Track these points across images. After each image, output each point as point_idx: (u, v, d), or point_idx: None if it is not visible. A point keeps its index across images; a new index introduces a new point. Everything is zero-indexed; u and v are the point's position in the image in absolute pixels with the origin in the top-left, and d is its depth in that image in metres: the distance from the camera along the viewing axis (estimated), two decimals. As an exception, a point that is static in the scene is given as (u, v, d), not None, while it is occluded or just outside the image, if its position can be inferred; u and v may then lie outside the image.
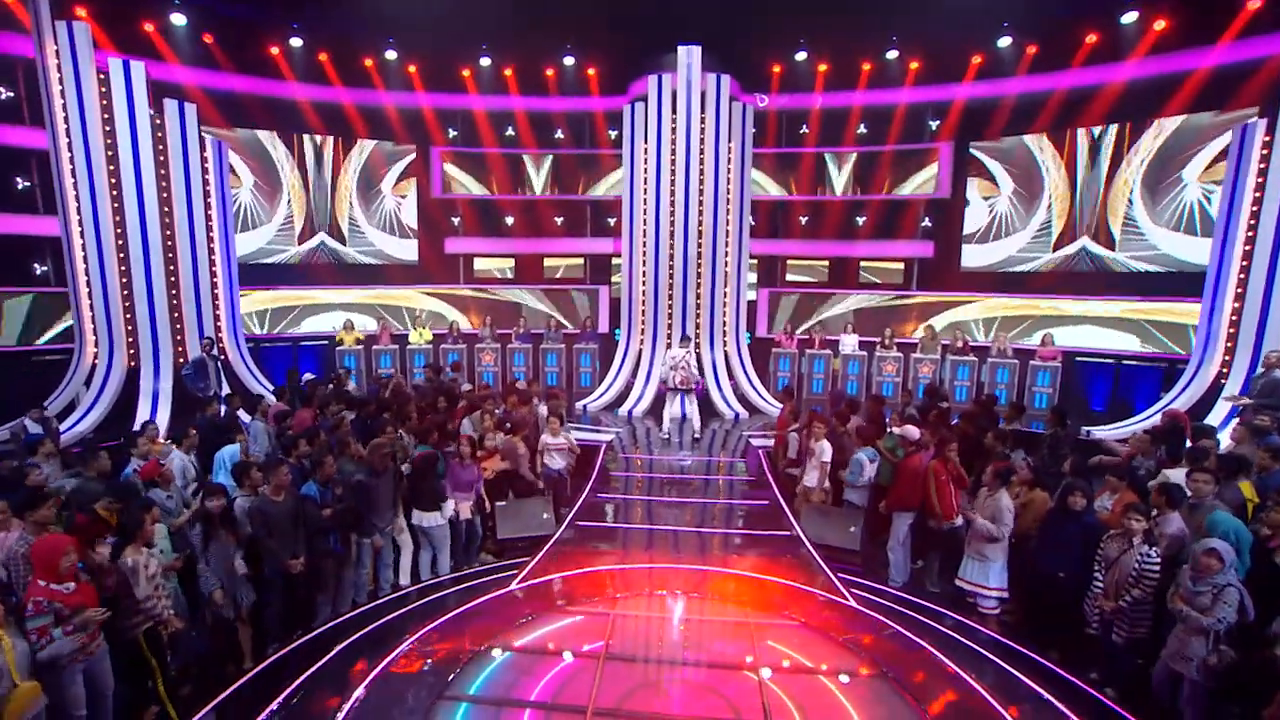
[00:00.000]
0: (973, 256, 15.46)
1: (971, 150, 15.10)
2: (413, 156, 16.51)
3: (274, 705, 4.05)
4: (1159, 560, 4.56)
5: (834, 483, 7.58)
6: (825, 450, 7.34)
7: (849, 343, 14.10)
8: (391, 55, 15.07)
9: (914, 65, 14.76)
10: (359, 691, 3.98)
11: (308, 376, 9.32)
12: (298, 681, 4.25)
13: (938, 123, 15.23)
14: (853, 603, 5.19)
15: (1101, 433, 10.10)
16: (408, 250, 16.91)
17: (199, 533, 5.02)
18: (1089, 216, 13.92)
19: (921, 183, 15.92)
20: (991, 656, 4.69)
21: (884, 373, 13.28)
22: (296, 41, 14.38)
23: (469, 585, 5.71)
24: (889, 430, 7.48)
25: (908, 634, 4.79)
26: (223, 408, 8.53)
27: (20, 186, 12.89)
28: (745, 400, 13.06)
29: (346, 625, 5.08)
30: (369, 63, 15.14)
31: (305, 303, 15.63)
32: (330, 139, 15.79)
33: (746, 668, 4.36)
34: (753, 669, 4.31)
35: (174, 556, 4.99)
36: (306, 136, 15.58)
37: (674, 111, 13.19)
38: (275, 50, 14.35)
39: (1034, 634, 5.49)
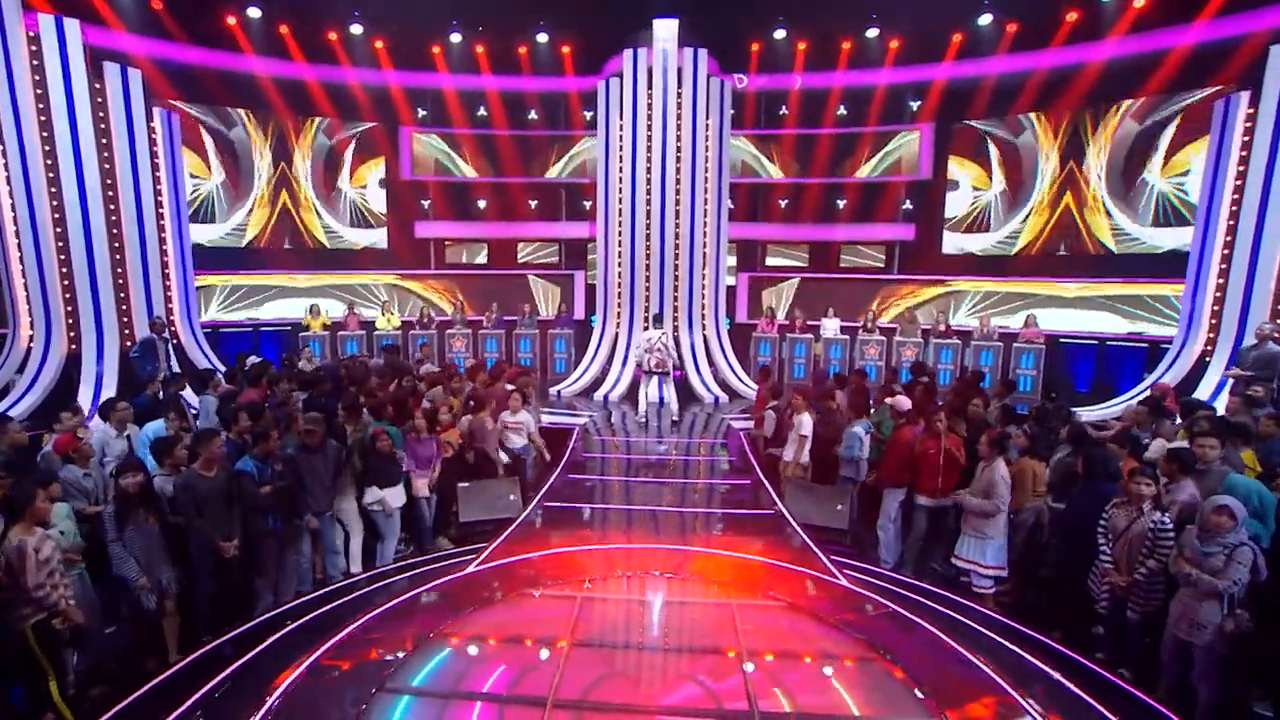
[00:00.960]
0: (953, 242, 15.26)
1: (982, 128, 14.67)
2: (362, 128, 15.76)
3: (190, 703, 3.51)
4: (1172, 527, 4.22)
5: (816, 461, 7.20)
6: (805, 423, 6.95)
7: (830, 326, 13.78)
8: (357, 30, 14.40)
9: (894, 44, 14.47)
10: (285, 686, 3.47)
11: (253, 359, 8.69)
12: (219, 678, 3.72)
13: (918, 103, 14.96)
14: (843, 581, 4.79)
15: (1089, 414, 9.87)
16: (376, 238, 16.26)
17: (112, 513, 4.45)
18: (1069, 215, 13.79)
19: (892, 161, 15.60)
20: (995, 636, 4.32)
21: (866, 356, 12.98)
22: (254, 11, 13.65)
23: (423, 570, 5.20)
24: (883, 404, 7.12)
25: (904, 613, 4.39)
26: (162, 389, 7.89)
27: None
28: (725, 385, 12.66)
29: (283, 616, 4.55)
30: (333, 36, 14.44)
31: (272, 283, 14.92)
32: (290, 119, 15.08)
33: (728, 652, 3.93)
34: (735, 653, 3.88)
35: (76, 542, 4.41)
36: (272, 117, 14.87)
37: (649, 87, 12.75)
38: (231, 20, 13.61)
39: (1034, 613, 5.17)
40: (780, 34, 14.71)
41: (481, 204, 16.57)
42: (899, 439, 6.24)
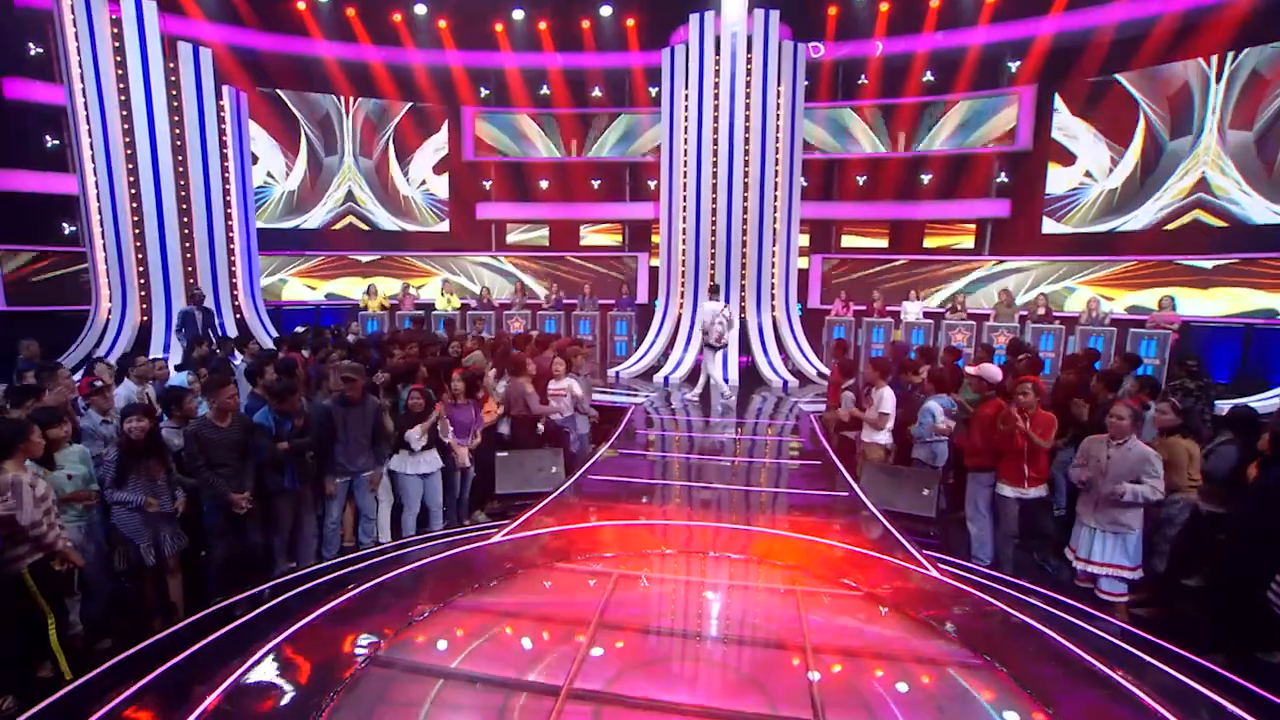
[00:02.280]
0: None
1: (1131, 90, 12.67)
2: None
3: (173, 663, 3.08)
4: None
5: (900, 444, 6.26)
6: (886, 399, 6.00)
7: (912, 310, 12.58)
8: (421, 10, 14.36)
9: (990, -1, 13.11)
10: (266, 652, 2.97)
11: (300, 329, 8.54)
12: (205, 640, 3.28)
13: (1017, 64, 13.48)
14: (934, 573, 3.91)
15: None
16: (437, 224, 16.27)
17: (113, 459, 4.14)
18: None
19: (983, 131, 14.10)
20: (1140, 654, 3.35)
21: (954, 342, 11.69)
22: (324, -3, 13.83)
23: (451, 541, 4.67)
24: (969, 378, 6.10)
25: (1016, 613, 3.48)
26: (211, 352, 7.80)
27: (50, 145, 12.68)
28: (796, 371, 11.71)
29: (291, 581, 4.10)
30: (397, 18, 14.45)
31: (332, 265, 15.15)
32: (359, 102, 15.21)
33: (789, 646, 3.16)
34: (799, 648, 3.11)
35: (89, 488, 4.12)
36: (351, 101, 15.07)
37: (717, 54, 11.98)
38: (302, 6, 13.82)
39: (1180, 630, 4.11)
40: (860, -6, 13.65)
41: (543, 184, 16.24)
42: (983, 415, 5.23)
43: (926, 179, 14.74)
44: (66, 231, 12.95)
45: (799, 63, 12.27)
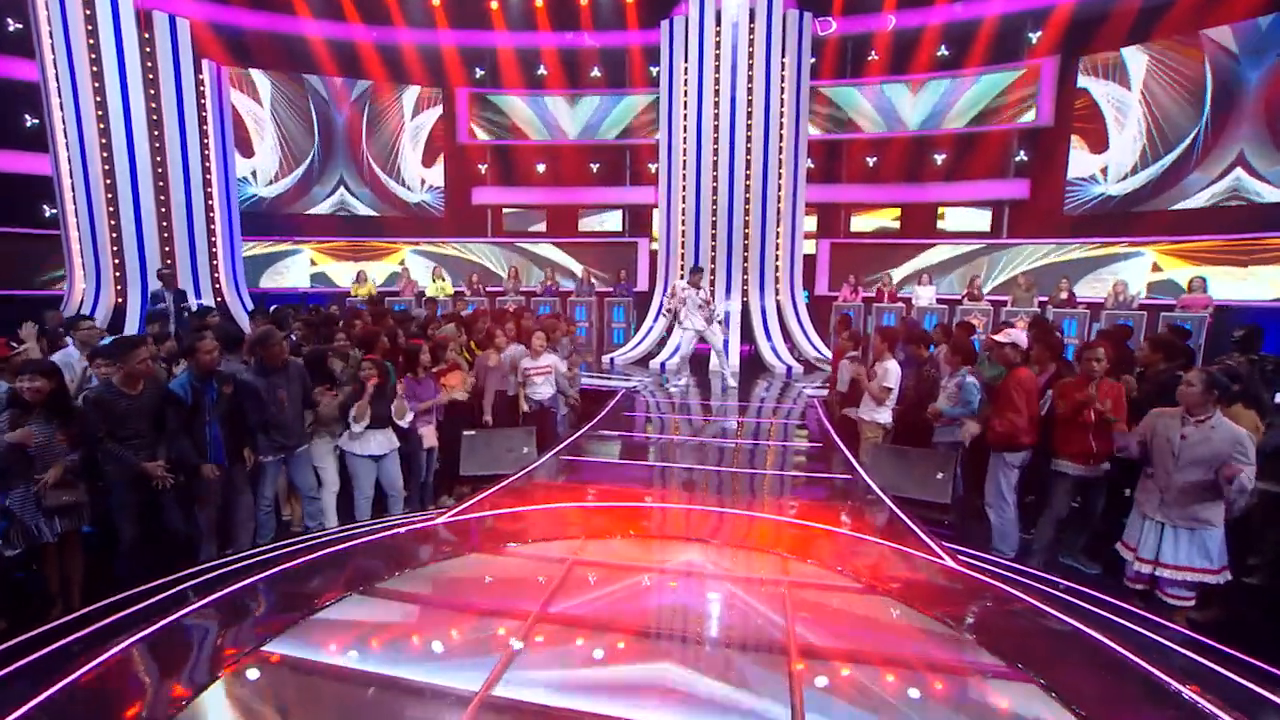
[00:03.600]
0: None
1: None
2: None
3: (36, 656, 2.54)
4: None
5: (906, 425, 5.63)
6: (891, 372, 5.38)
7: (925, 294, 11.91)
8: (414, -13, 13.89)
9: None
10: (124, 647, 2.42)
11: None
12: (75, 636, 2.73)
13: (1038, 34, 12.76)
14: (949, 562, 3.29)
15: None
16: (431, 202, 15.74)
17: (4, 423, 3.61)
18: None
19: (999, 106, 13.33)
20: (1205, 661, 2.71)
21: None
22: (313, -29, 13.37)
23: (393, 525, 4.10)
24: (991, 346, 5.46)
25: (1051, 611, 2.85)
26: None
27: (30, 125, 12.30)
28: (801, 358, 11.07)
29: (203, 570, 3.55)
30: (390, -5, 13.98)
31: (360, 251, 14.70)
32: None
33: (771, 649, 2.56)
34: (781, 651, 2.51)
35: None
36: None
37: (718, 24, 11.38)
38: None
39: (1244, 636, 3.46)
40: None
41: (540, 168, 15.70)
42: (1016, 380, 4.60)
43: (940, 159, 14.03)
44: (48, 214, 12.54)
45: (804, 33, 11.64)
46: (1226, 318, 10.04)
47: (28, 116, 12.26)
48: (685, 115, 11.71)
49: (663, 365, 10.57)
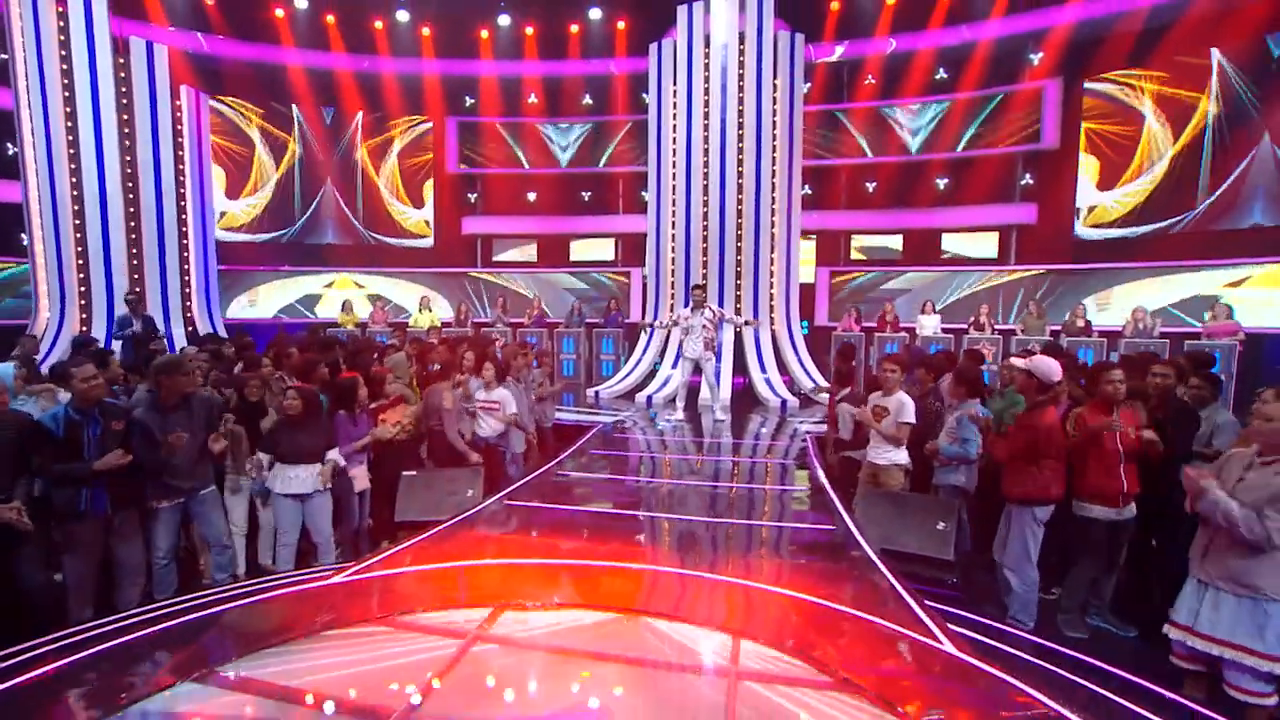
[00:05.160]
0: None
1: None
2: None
3: None
4: None
5: (918, 464, 4.94)
6: (907, 407, 4.70)
7: (929, 324, 11.32)
8: (404, 16, 13.78)
9: (1007, -14, 12.13)
10: None
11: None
12: None
13: (1039, 55, 12.39)
14: (949, 647, 2.62)
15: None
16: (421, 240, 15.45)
17: None
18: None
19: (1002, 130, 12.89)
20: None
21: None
22: (302, 3, 13.29)
23: (294, 580, 3.50)
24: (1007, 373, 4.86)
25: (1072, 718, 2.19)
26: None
27: (11, 153, 12.11)
28: (798, 392, 10.43)
29: (55, 638, 2.95)
30: (379, 25, 13.87)
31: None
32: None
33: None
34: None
35: None
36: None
37: (707, 47, 11.09)
38: (280, 14, 13.30)
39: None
40: (865, -13, 12.76)
41: (531, 196, 15.40)
42: (1039, 422, 3.92)
43: (943, 184, 13.58)
44: (25, 242, 12.29)
45: (796, 56, 11.32)
46: (1265, 345, 9.37)
47: (9, 145, 12.07)
48: (675, 140, 11.35)
49: (649, 399, 9.97)
